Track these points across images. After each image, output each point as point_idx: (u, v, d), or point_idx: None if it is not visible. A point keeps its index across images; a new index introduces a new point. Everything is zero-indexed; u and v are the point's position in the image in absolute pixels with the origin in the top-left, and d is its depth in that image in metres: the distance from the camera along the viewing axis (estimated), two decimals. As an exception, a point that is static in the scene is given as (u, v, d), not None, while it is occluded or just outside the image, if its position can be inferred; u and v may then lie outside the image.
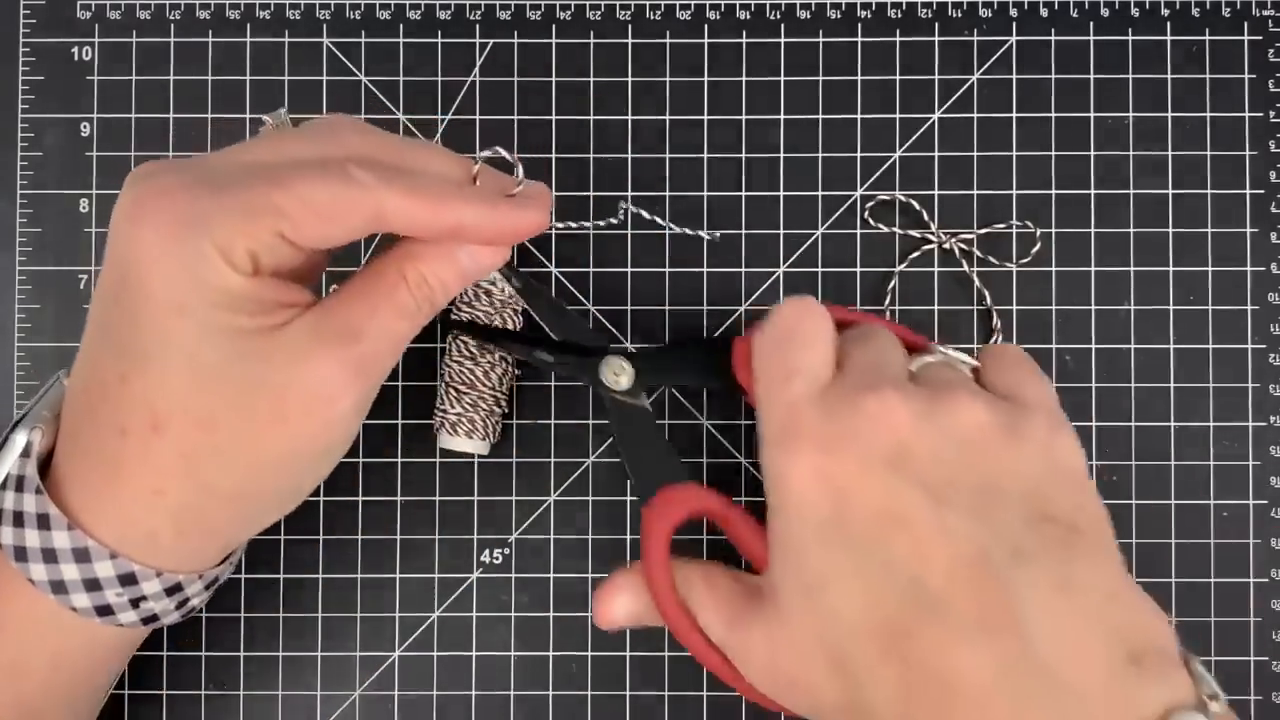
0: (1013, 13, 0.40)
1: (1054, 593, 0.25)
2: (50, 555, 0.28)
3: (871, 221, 0.40)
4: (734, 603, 0.30)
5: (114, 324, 0.27)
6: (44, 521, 0.28)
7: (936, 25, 0.40)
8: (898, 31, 0.40)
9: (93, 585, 0.28)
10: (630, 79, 0.40)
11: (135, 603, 0.29)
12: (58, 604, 0.29)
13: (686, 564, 0.31)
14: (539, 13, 0.40)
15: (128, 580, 0.28)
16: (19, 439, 0.29)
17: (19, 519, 0.28)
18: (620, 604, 0.32)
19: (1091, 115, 0.40)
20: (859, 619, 0.26)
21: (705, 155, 0.40)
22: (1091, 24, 0.40)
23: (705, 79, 0.40)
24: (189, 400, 0.27)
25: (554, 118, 0.40)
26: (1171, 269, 0.40)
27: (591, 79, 0.40)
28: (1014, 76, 0.40)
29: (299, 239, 0.27)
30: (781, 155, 0.40)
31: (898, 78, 0.40)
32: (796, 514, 0.27)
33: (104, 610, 0.29)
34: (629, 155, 0.40)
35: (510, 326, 0.37)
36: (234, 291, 0.27)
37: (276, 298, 0.28)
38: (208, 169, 0.28)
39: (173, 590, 0.30)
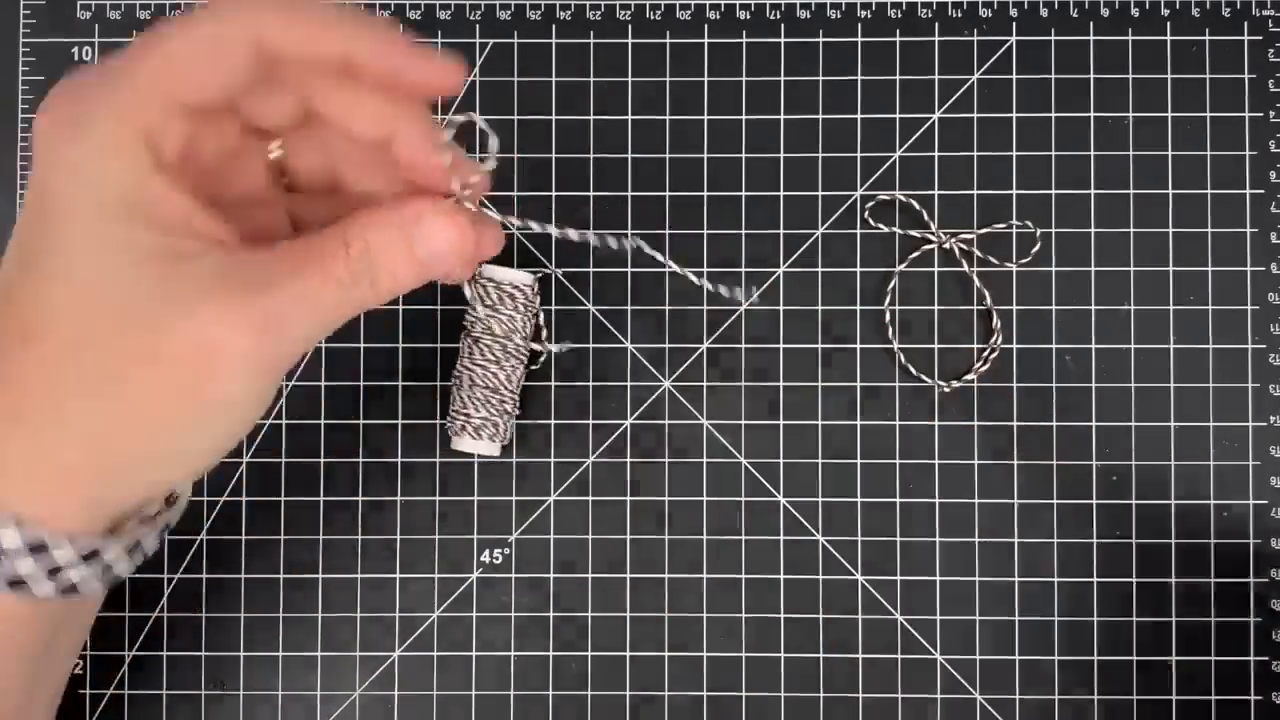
0: (1013, 13, 0.40)
1: None
2: None
3: (871, 221, 0.40)
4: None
5: (17, 231, 0.25)
6: None
7: (936, 25, 0.40)
8: (898, 31, 0.40)
9: None
10: (630, 79, 0.40)
11: (52, 572, 0.26)
12: None
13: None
14: (539, 13, 0.40)
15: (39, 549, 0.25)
16: None
17: None
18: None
19: (1091, 115, 0.40)
20: None
21: (705, 155, 0.40)
22: (1091, 24, 0.40)
23: (705, 79, 0.40)
24: (60, 314, 0.24)
25: (554, 118, 0.40)
26: (1171, 269, 0.40)
27: (591, 79, 0.40)
28: (1014, 76, 0.40)
29: (185, 94, 0.24)
30: (781, 155, 0.40)
31: (898, 78, 0.40)
32: None
33: None
34: (629, 155, 0.40)
35: (530, 332, 0.37)
36: (129, 194, 0.24)
37: (186, 218, 0.25)
38: (107, 63, 0.25)
39: (37, 549, 0.25)
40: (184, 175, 0.25)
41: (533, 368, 0.39)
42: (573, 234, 0.29)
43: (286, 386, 0.40)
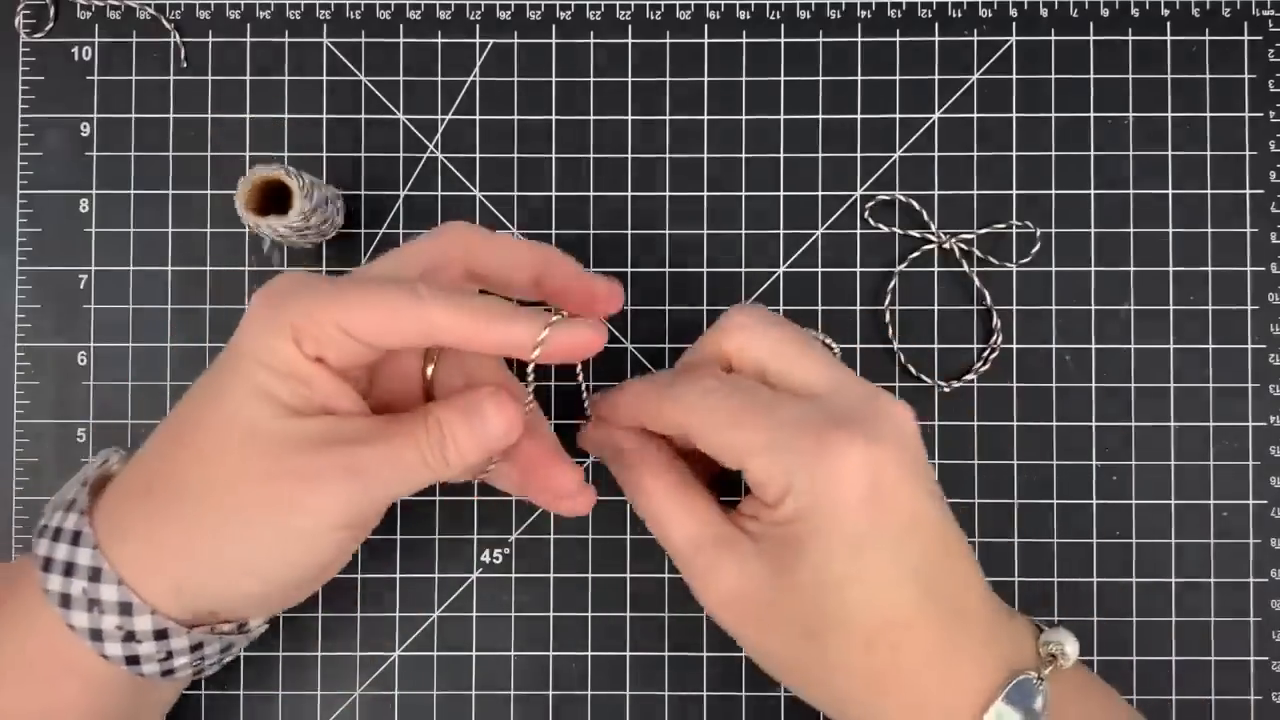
0: (1013, 13, 0.40)
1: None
2: (70, 570, 0.30)
3: (871, 221, 0.40)
4: (705, 529, 0.32)
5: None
6: (76, 539, 0.30)
7: (936, 25, 0.40)
8: (898, 31, 0.40)
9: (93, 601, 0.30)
10: (630, 79, 0.40)
11: (127, 636, 0.30)
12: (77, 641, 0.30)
13: (672, 463, 0.33)
14: (539, 13, 0.40)
15: (125, 609, 0.29)
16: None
17: (57, 535, 0.30)
18: (604, 434, 0.35)
19: (1091, 115, 0.40)
20: (863, 616, 0.29)
21: (705, 155, 0.40)
22: (1091, 24, 0.40)
23: (705, 79, 0.40)
24: (211, 426, 0.30)
25: (554, 118, 0.40)
26: (1171, 269, 0.40)
27: (591, 79, 0.40)
28: (1014, 76, 0.40)
29: (357, 334, 0.29)
30: (781, 155, 0.40)
31: (898, 78, 0.40)
32: (837, 521, 0.29)
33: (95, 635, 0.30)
34: (629, 155, 0.40)
35: None
36: (288, 363, 0.29)
37: (326, 397, 0.30)
38: (325, 278, 0.31)
39: (160, 635, 0.30)
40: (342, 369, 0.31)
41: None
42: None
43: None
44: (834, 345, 0.34)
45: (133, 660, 0.30)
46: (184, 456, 0.30)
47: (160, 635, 0.30)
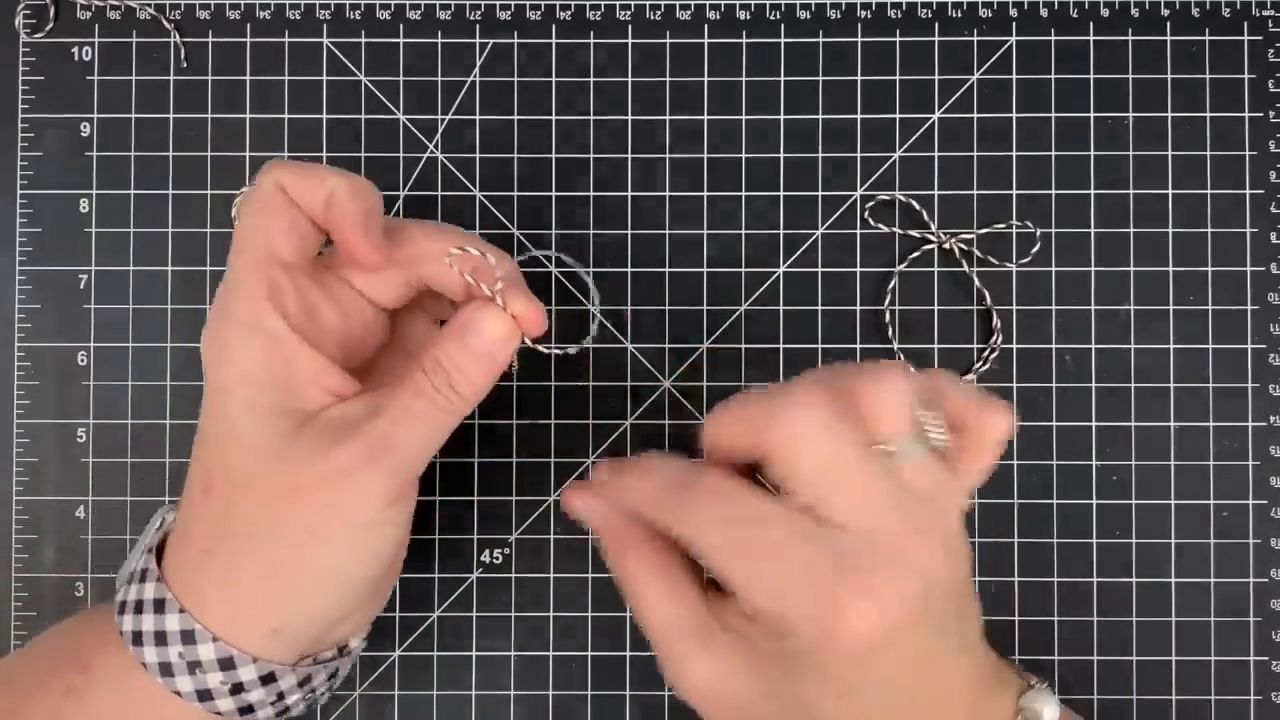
0: (1013, 13, 0.40)
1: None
2: (161, 638, 0.30)
3: (871, 221, 0.40)
4: (687, 617, 0.30)
5: (202, 412, 0.31)
6: (159, 606, 0.30)
7: (936, 25, 0.40)
8: (898, 31, 0.40)
9: (195, 665, 0.30)
10: (630, 79, 0.40)
11: (235, 689, 0.30)
12: (161, 691, 0.30)
13: (657, 544, 0.31)
14: (539, 13, 0.40)
15: (227, 664, 0.30)
16: (153, 526, 0.32)
17: (138, 607, 0.30)
18: (590, 507, 0.32)
19: (1091, 115, 0.40)
20: None
21: (705, 155, 0.40)
22: (1091, 24, 0.40)
23: (705, 79, 0.40)
24: (229, 469, 0.30)
25: (554, 118, 0.40)
26: (1171, 269, 0.40)
27: (591, 79, 0.40)
28: (1014, 76, 0.40)
29: (281, 252, 0.30)
30: (781, 155, 0.40)
31: (898, 78, 0.40)
32: (832, 663, 0.27)
33: (204, 695, 0.30)
34: (629, 155, 0.40)
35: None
36: (269, 362, 0.29)
37: (315, 375, 0.30)
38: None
39: (225, 664, 0.30)
40: (310, 336, 0.30)
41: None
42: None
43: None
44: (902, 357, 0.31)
45: (246, 711, 0.30)
46: (220, 507, 0.30)
47: (267, 680, 0.30)
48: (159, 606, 0.30)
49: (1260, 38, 0.40)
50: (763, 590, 0.27)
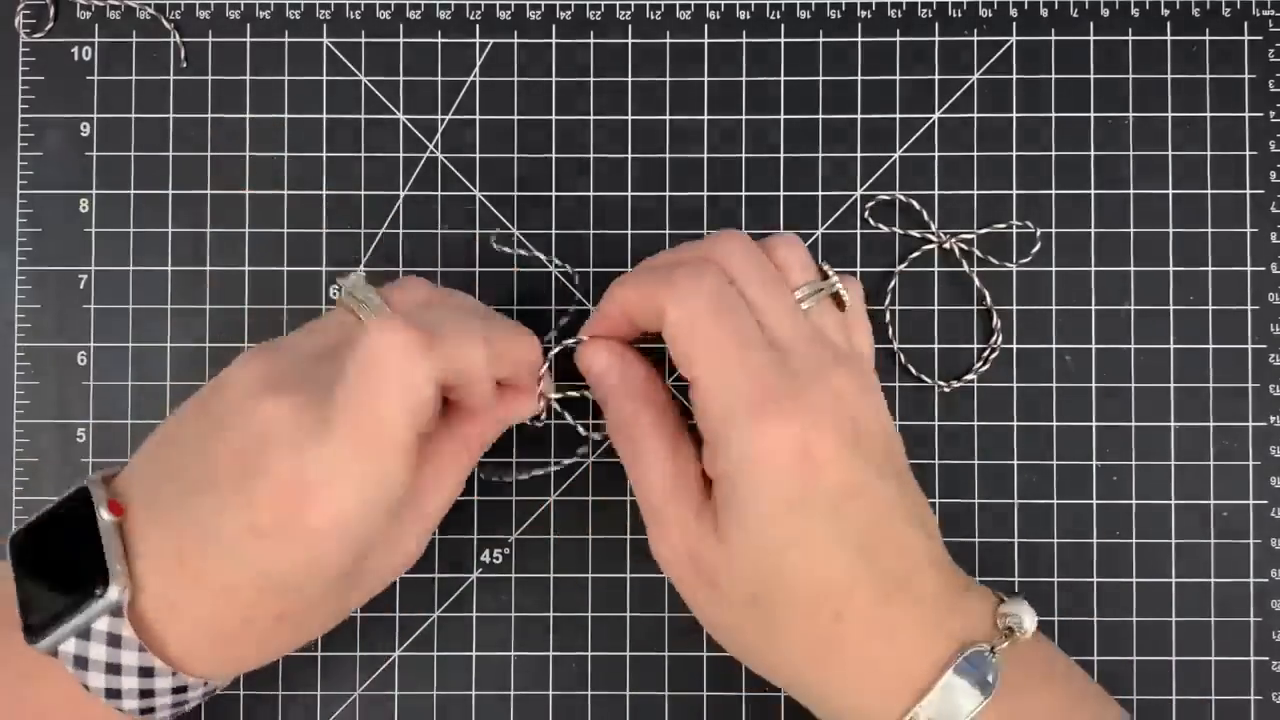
0: (1013, 13, 0.40)
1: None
2: (148, 693, 0.30)
3: (871, 221, 0.40)
4: (683, 480, 0.32)
5: (259, 555, 0.29)
6: (147, 672, 0.29)
7: (936, 25, 0.40)
8: (898, 31, 0.40)
9: (180, 704, 0.31)
10: (630, 79, 0.40)
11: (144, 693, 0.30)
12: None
13: (668, 405, 0.33)
14: (539, 13, 0.40)
15: (179, 689, 0.30)
16: (111, 595, 0.29)
17: (114, 669, 0.29)
18: (611, 364, 0.33)
19: (1091, 115, 0.40)
20: (803, 582, 0.29)
21: (705, 155, 0.40)
22: (1091, 24, 0.40)
23: (705, 79, 0.40)
24: (312, 603, 0.31)
25: (554, 118, 0.40)
26: (1171, 269, 0.40)
27: (591, 79, 0.40)
28: (1014, 76, 0.40)
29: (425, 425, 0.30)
30: (781, 155, 0.40)
31: (898, 78, 0.40)
32: (770, 482, 0.29)
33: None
34: (629, 156, 0.40)
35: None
36: (385, 523, 0.30)
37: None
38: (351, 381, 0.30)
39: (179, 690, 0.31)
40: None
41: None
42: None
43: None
44: (830, 272, 0.33)
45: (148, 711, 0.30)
46: (291, 625, 0.31)
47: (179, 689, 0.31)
48: (179, 690, 0.30)
49: (1260, 38, 0.40)
50: (717, 387, 0.29)
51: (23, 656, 0.29)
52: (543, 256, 0.39)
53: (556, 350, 0.33)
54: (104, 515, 0.29)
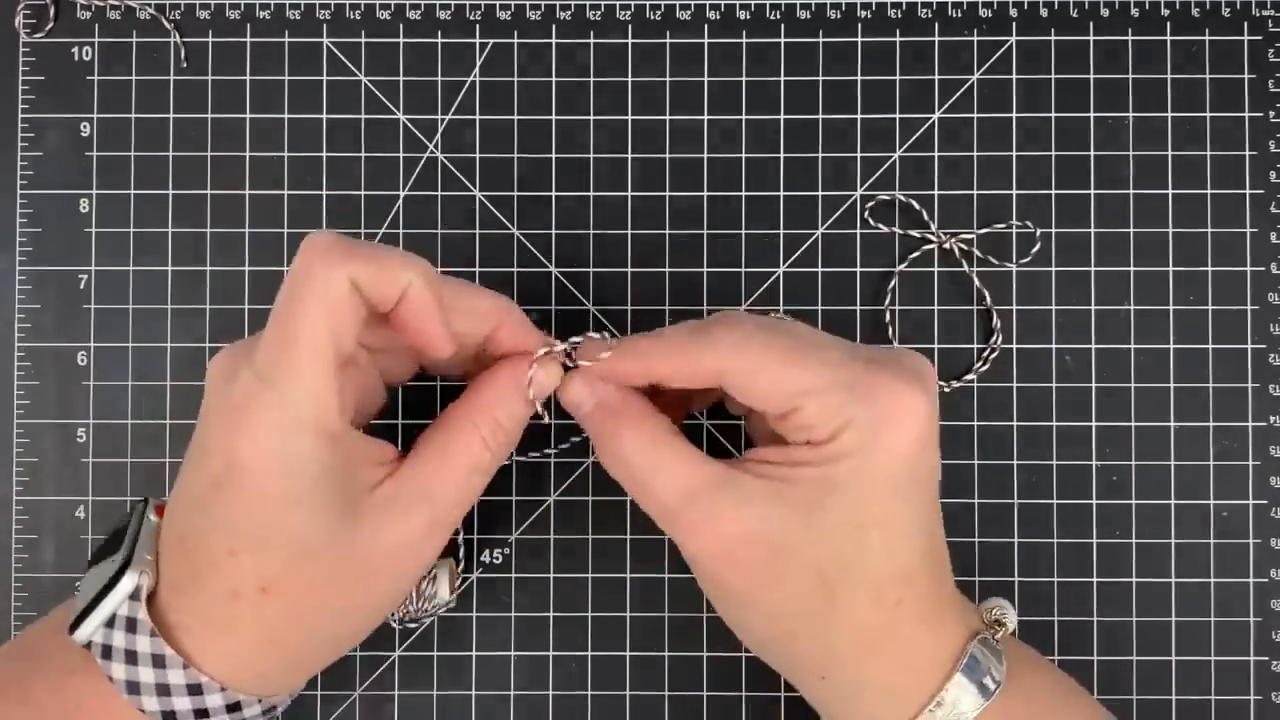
0: (1013, 13, 0.40)
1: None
2: (164, 690, 0.29)
3: (871, 221, 0.40)
4: (700, 474, 0.30)
5: (220, 507, 0.29)
6: (159, 661, 0.29)
7: (936, 25, 0.40)
8: (898, 31, 0.40)
9: (202, 714, 0.30)
10: (630, 79, 0.40)
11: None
12: None
13: (656, 413, 0.32)
14: (539, 13, 0.40)
15: (234, 708, 0.30)
16: (126, 583, 0.30)
17: (131, 657, 0.29)
18: (590, 392, 0.32)
19: (1091, 115, 0.40)
20: (883, 564, 0.29)
21: (705, 155, 0.40)
22: (1091, 24, 0.40)
23: (705, 79, 0.40)
24: (296, 570, 0.29)
25: (554, 118, 0.40)
26: (1171, 269, 0.40)
27: (591, 79, 0.40)
28: (1014, 76, 0.40)
29: (346, 346, 0.29)
30: (781, 155, 0.40)
31: (898, 78, 0.40)
32: (884, 462, 0.29)
33: None
34: (629, 155, 0.40)
35: None
36: (331, 455, 0.28)
37: (366, 453, 0.30)
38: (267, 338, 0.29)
39: (268, 711, 0.32)
40: (355, 420, 0.30)
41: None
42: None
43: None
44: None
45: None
46: (284, 604, 0.30)
47: (234, 708, 0.31)
48: (194, 690, 0.30)
49: (1260, 38, 0.40)
50: (821, 388, 0.29)
51: (68, 652, 0.30)
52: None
53: (558, 349, 0.32)
54: (150, 517, 0.31)
